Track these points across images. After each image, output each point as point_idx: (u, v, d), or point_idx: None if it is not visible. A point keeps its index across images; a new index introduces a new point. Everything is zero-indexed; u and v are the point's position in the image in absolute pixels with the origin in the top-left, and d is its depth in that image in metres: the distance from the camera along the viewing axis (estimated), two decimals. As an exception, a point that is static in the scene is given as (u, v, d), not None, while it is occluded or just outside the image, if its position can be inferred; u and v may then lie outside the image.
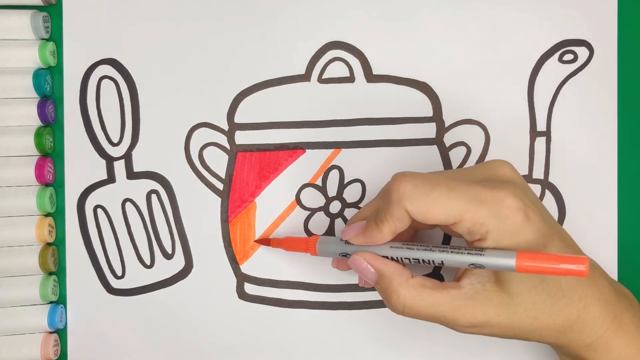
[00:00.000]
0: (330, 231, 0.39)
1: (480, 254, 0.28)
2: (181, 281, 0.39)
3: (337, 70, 0.39)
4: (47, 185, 0.39)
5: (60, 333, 0.39)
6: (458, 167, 0.39)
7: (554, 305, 0.29)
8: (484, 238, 0.28)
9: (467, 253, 0.29)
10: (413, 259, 0.30)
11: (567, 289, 0.29)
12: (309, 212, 0.39)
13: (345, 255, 0.33)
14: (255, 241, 0.38)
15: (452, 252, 0.29)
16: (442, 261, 0.29)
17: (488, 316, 0.29)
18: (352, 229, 0.32)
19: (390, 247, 0.31)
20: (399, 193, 0.29)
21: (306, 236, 0.38)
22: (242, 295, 0.39)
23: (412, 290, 0.30)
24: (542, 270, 0.26)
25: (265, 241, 0.38)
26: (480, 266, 0.28)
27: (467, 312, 0.29)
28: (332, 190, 0.39)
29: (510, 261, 0.27)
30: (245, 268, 0.39)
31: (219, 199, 0.39)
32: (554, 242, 0.29)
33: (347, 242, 0.32)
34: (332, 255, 0.34)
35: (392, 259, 0.31)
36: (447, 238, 0.38)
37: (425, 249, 0.30)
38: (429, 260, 0.30)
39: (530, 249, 0.28)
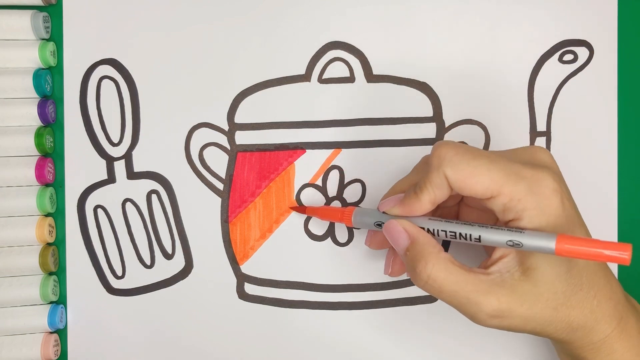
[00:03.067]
0: (330, 231, 0.39)
1: (521, 232, 0.28)
2: (181, 281, 0.39)
3: (337, 70, 0.39)
4: (47, 185, 0.39)
5: (61, 333, 0.39)
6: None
7: (572, 297, 0.29)
8: (519, 217, 0.28)
9: (507, 230, 0.28)
10: (450, 232, 0.30)
11: (586, 283, 0.29)
12: (309, 212, 0.39)
13: (380, 225, 0.32)
14: (290, 208, 0.38)
15: (491, 228, 0.29)
16: (479, 236, 0.29)
17: (512, 305, 0.29)
18: (390, 200, 0.32)
19: (429, 219, 0.31)
20: (440, 158, 0.29)
21: (341, 207, 0.37)
22: (242, 295, 0.39)
23: (442, 262, 0.29)
24: (582, 254, 0.26)
25: (300, 209, 0.38)
26: (517, 245, 0.28)
27: (493, 297, 0.29)
28: (332, 190, 0.39)
29: (550, 243, 0.27)
30: (245, 268, 0.39)
31: (219, 199, 0.39)
32: (581, 232, 0.29)
33: (384, 213, 0.32)
34: (366, 226, 0.33)
35: (428, 231, 0.31)
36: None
37: (464, 224, 0.30)
38: (466, 235, 0.30)
39: (562, 232, 0.28)
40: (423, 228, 0.31)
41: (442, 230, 0.30)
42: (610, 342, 0.30)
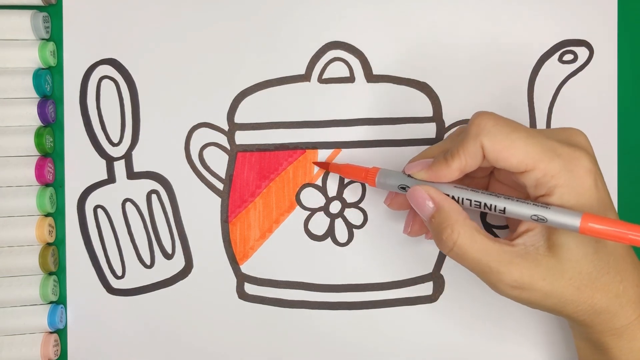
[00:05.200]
0: (330, 231, 0.39)
1: (546, 207, 0.28)
2: (181, 281, 0.39)
3: (337, 70, 0.39)
4: (47, 185, 0.39)
5: (60, 333, 0.39)
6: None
7: (598, 280, 0.29)
8: (550, 193, 0.28)
9: (533, 204, 0.29)
10: (475, 201, 0.30)
11: (613, 267, 0.29)
12: (309, 212, 0.39)
13: (404, 189, 0.32)
14: (313, 162, 0.38)
15: (517, 201, 0.29)
16: (504, 208, 0.29)
17: (533, 278, 0.29)
18: (417, 164, 0.32)
19: (454, 186, 0.31)
20: (479, 127, 0.29)
21: (366, 167, 0.36)
22: (242, 295, 0.39)
23: (468, 230, 0.29)
24: (606, 234, 0.27)
25: (324, 165, 0.38)
26: (542, 220, 0.28)
27: (514, 268, 0.29)
28: (332, 190, 0.39)
29: (575, 220, 0.27)
30: (245, 268, 0.39)
31: (219, 199, 0.39)
32: (611, 215, 0.29)
33: (409, 177, 0.32)
34: (390, 188, 0.33)
35: (452, 199, 0.31)
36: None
37: (490, 194, 0.30)
38: (491, 206, 0.30)
39: (592, 213, 0.28)
40: (448, 195, 0.31)
41: (466, 199, 0.30)
42: (633, 329, 0.30)
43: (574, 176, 0.28)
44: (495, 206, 0.30)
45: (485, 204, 0.30)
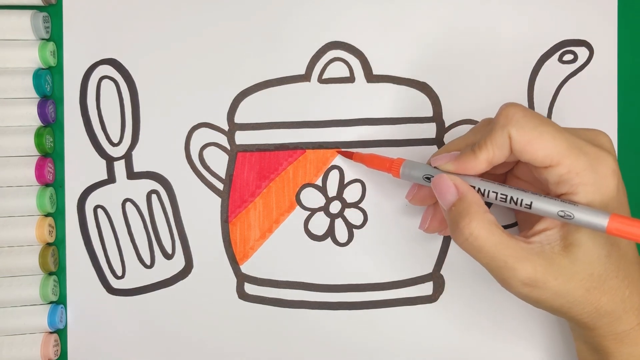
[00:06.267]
0: (330, 231, 0.39)
1: (574, 205, 0.28)
2: (181, 281, 0.39)
3: (337, 70, 0.39)
4: (47, 185, 0.39)
5: (60, 333, 0.39)
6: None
7: (607, 283, 0.29)
8: (573, 192, 0.28)
9: (561, 201, 0.28)
10: (501, 194, 0.30)
11: (622, 272, 0.29)
12: (309, 212, 0.39)
13: (429, 179, 0.32)
14: (336, 151, 0.38)
15: (544, 197, 0.29)
16: (531, 203, 0.29)
17: (546, 277, 0.29)
18: (444, 156, 0.32)
19: (481, 179, 0.31)
20: (507, 117, 0.29)
21: (390, 158, 0.35)
22: (242, 295, 0.39)
23: (486, 222, 0.29)
24: (633, 235, 0.27)
25: (347, 154, 0.37)
26: (569, 216, 0.28)
27: (529, 265, 0.28)
28: (332, 190, 0.39)
29: (603, 220, 0.27)
30: (245, 268, 0.39)
31: (219, 199, 0.39)
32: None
33: (435, 168, 0.32)
34: (414, 180, 0.33)
35: (478, 191, 0.31)
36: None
37: (517, 189, 0.30)
38: (517, 200, 0.29)
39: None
40: (473, 187, 0.31)
41: (493, 192, 0.30)
42: (635, 335, 0.30)
43: (599, 176, 0.28)
44: (522, 200, 0.29)
45: (511, 198, 0.30)
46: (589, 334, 0.31)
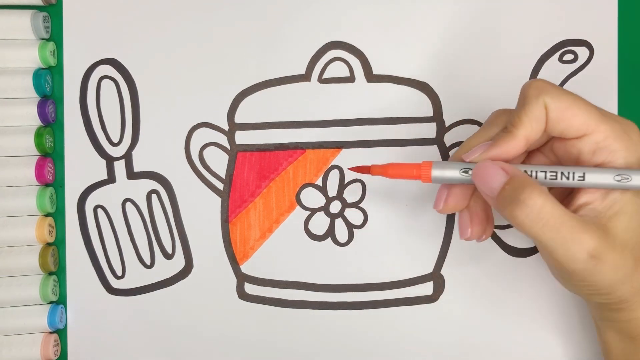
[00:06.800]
0: (330, 231, 0.39)
1: (628, 170, 0.28)
2: (181, 281, 0.39)
3: (337, 70, 0.39)
4: (47, 185, 0.39)
5: (60, 333, 0.39)
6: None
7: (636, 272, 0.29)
8: (612, 158, 0.28)
9: (612, 168, 0.28)
10: (551, 172, 0.29)
11: None
12: (309, 212, 0.39)
13: (467, 172, 0.30)
14: (349, 168, 0.35)
15: (593, 167, 0.28)
16: (584, 174, 0.28)
17: (606, 246, 0.27)
18: (476, 148, 0.30)
19: (522, 164, 0.30)
20: (539, 89, 0.28)
21: (414, 163, 0.32)
22: (242, 295, 0.39)
23: (547, 194, 0.27)
24: None
25: (363, 169, 0.34)
26: (626, 179, 0.28)
27: (590, 237, 0.27)
28: (332, 190, 0.39)
29: None
30: (245, 268, 0.39)
31: (219, 199, 0.39)
32: None
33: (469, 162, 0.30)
34: (449, 180, 0.31)
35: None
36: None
37: (561, 166, 0.29)
38: (568, 175, 0.28)
39: None
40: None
41: (541, 171, 0.29)
42: None
43: (632, 142, 0.28)
44: (574, 173, 0.28)
45: (562, 174, 0.29)
46: (627, 317, 0.30)
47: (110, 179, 0.39)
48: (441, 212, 0.33)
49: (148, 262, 0.39)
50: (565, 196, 0.31)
